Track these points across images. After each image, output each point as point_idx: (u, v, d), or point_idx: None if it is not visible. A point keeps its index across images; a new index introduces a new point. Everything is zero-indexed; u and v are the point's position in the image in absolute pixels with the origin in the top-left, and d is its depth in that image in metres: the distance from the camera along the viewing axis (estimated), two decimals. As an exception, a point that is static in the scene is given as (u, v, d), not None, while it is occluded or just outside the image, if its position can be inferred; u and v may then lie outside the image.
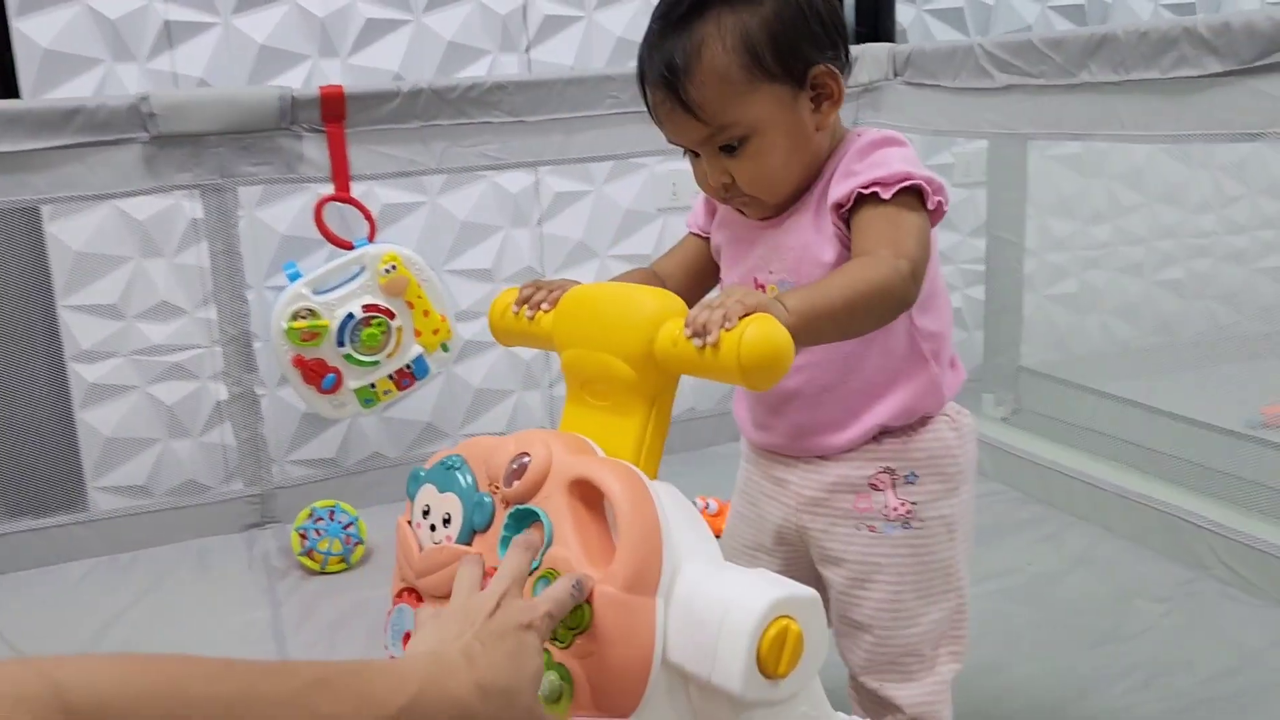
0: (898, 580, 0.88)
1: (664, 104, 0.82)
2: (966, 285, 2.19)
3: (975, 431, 0.91)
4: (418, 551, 0.81)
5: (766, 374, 0.69)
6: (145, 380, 1.75)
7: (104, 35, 1.65)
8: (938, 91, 1.68)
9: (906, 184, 0.79)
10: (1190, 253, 2.35)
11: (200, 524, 1.70)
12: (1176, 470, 1.61)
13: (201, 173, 1.56)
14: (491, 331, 0.94)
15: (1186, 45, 1.26)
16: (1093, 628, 1.29)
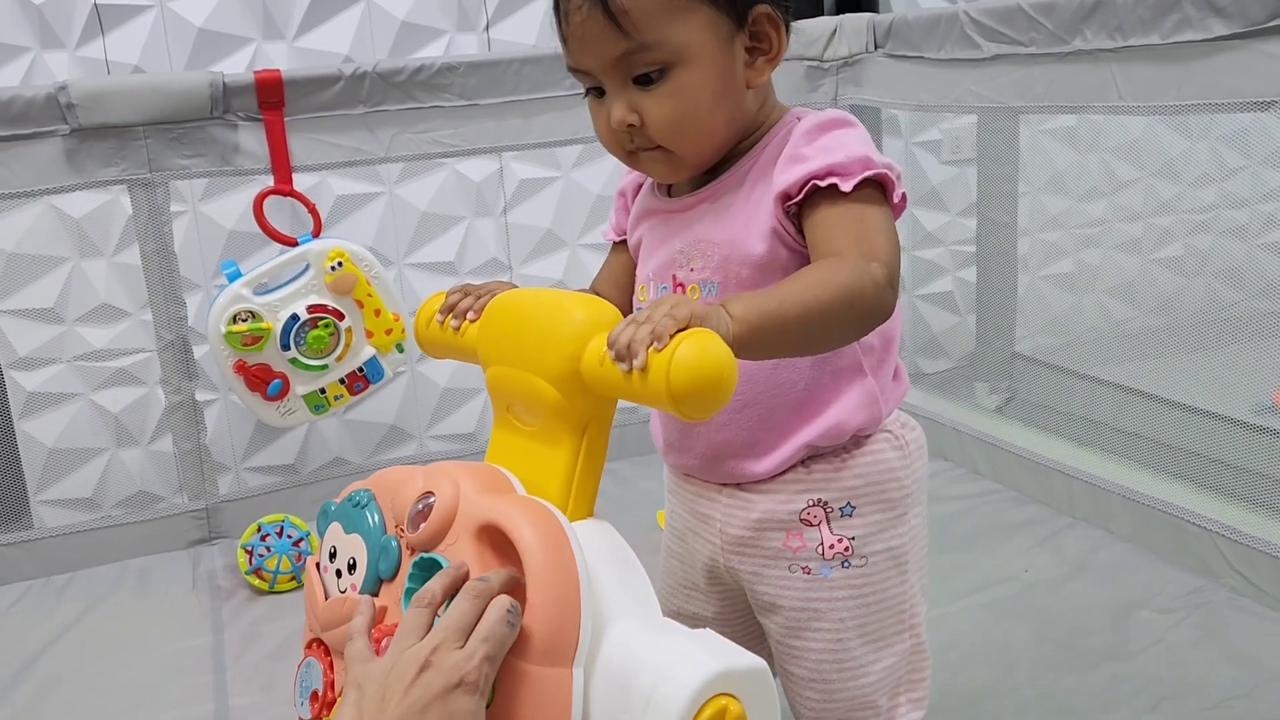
0: (839, 627, 0.80)
1: (580, 10, 0.72)
2: (957, 268, 2.13)
3: (924, 446, 0.83)
4: (322, 598, 0.76)
5: (701, 402, 0.61)
6: (88, 387, 1.70)
7: (29, 20, 1.59)
8: (921, 64, 1.64)
9: (869, 174, 0.71)
10: (1190, 229, 2.29)
11: (145, 541, 1.66)
12: (1182, 464, 1.54)
13: (128, 167, 1.51)
14: (417, 342, 0.88)
15: (1189, 6, 1.20)
16: (1094, 644, 1.23)
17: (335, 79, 1.53)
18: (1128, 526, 1.46)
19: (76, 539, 1.62)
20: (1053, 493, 1.58)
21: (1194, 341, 2.13)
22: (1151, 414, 1.72)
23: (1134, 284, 2.23)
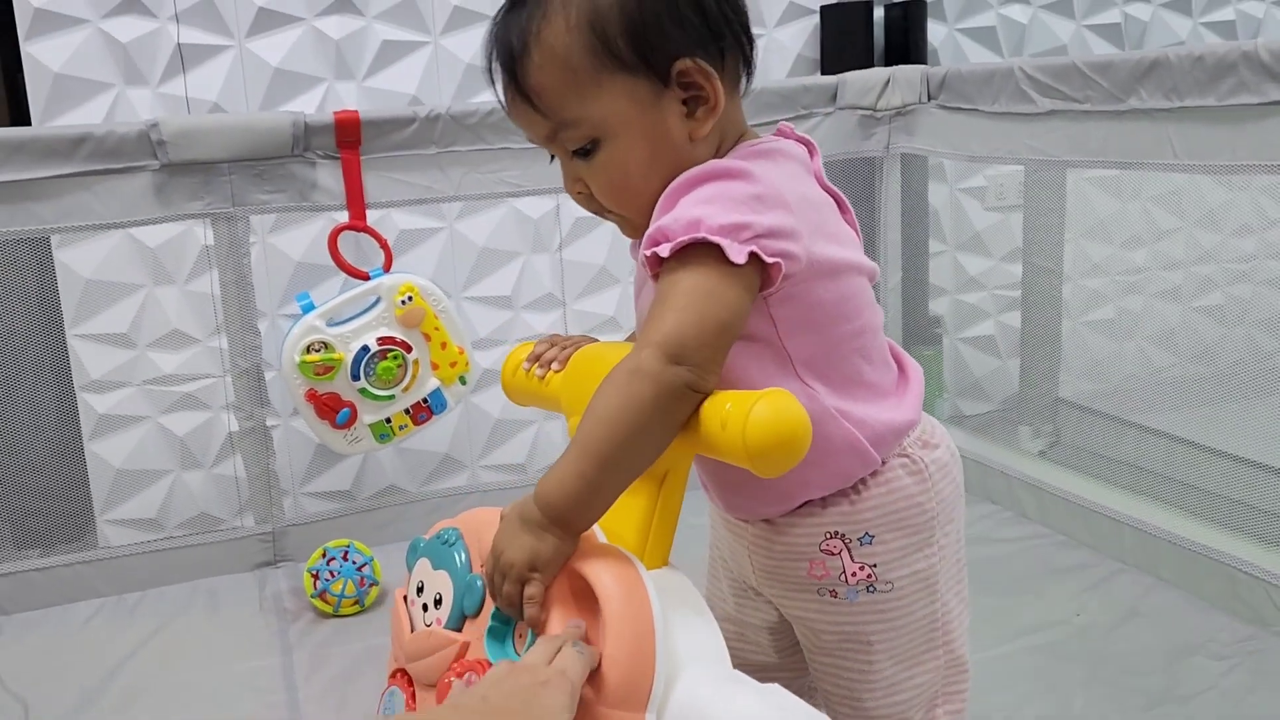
0: (869, 649, 0.78)
1: (507, 89, 0.72)
2: (999, 312, 2.12)
3: (949, 464, 0.78)
4: (409, 632, 0.77)
5: (777, 461, 0.64)
6: (156, 410, 1.71)
7: (115, 59, 1.62)
8: (974, 116, 1.64)
9: (689, 239, 0.65)
10: (1230, 278, 2.25)
11: (211, 562, 1.66)
12: (1230, 513, 1.52)
13: (213, 201, 1.53)
14: (503, 389, 0.90)
15: (1245, 71, 1.20)
16: (1148, 687, 1.21)
17: (410, 120, 1.55)
18: (1177, 573, 1.44)
19: (144, 559, 1.63)
20: (1101, 537, 1.56)
21: (1235, 390, 2.09)
22: (1197, 462, 1.69)
23: (1175, 332, 2.19)
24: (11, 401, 1.64)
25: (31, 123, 1.59)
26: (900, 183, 1.85)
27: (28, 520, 1.67)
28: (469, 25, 1.76)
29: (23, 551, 1.63)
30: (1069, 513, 1.62)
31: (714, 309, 0.65)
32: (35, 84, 1.59)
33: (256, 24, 1.66)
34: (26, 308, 1.63)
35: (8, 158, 1.41)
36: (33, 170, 1.42)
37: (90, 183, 1.46)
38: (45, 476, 1.69)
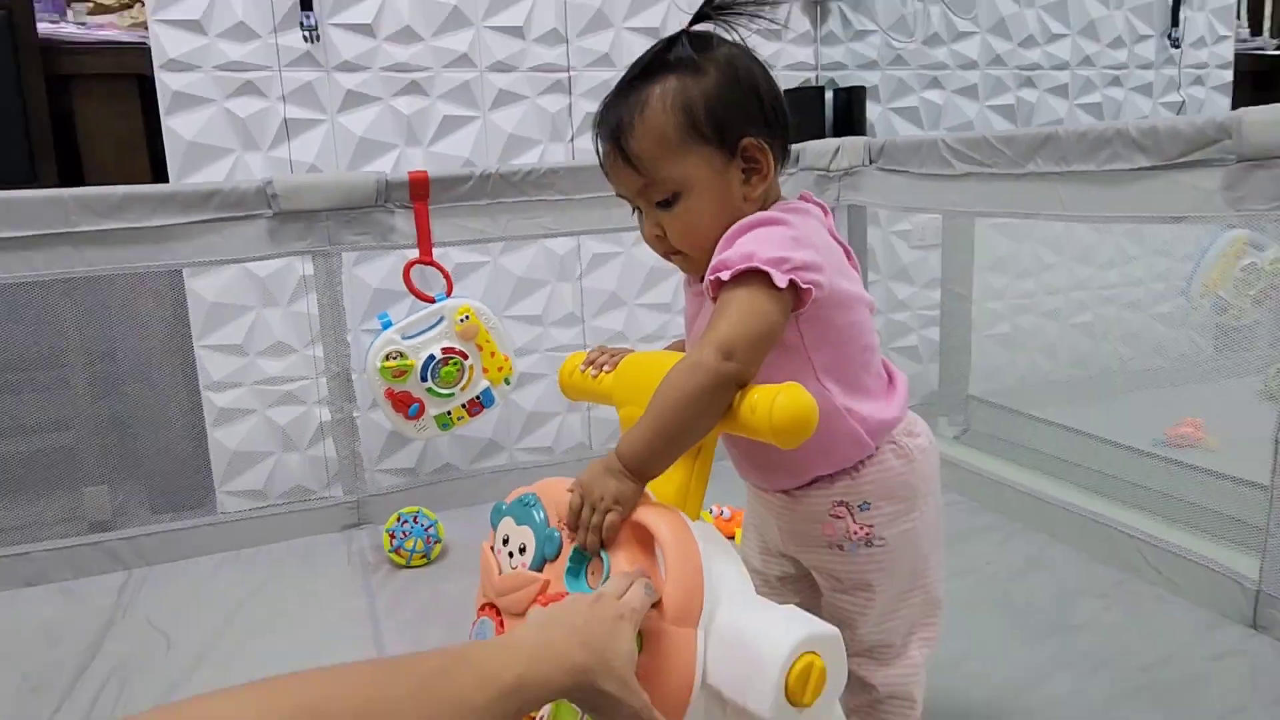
0: (866, 589, 0.80)
1: (610, 155, 0.75)
2: (922, 327, 2.15)
3: (930, 450, 0.80)
4: (498, 574, 0.78)
5: (795, 436, 0.66)
6: (263, 405, 1.72)
7: (236, 130, 1.63)
8: (905, 175, 1.65)
9: (744, 266, 0.68)
10: (1098, 301, 2.30)
11: (307, 525, 1.65)
12: (1103, 484, 1.55)
13: (314, 241, 1.53)
14: (561, 388, 0.90)
15: (1119, 144, 1.23)
16: (1044, 622, 1.22)
17: (467, 178, 1.56)
18: (1066, 531, 1.46)
19: (254, 522, 1.62)
20: (1005, 504, 1.57)
21: (1105, 389, 2.15)
22: (1078, 444, 1.72)
23: (1056, 344, 2.24)
24: (151, 397, 1.66)
25: (169, 181, 1.60)
26: (846, 225, 1.86)
27: (163, 492, 1.69)
28: (511, 104, 1.78)
29: (157, 516, 1.64)
30: (978, 484, 1.63)
31: (758, 321, 0.69)
32: (173, 150, 1.60)
33: (345, 103, 1.68)
34: (164, 325, 1.64)
35: (154, 209, 1.42)
36: (174, 218, 1.43)
37: (219, 227, 1.46)
38: (176, 457, 1.70)
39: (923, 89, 2.11)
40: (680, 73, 0.72)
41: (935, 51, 2.12)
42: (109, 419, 1.67)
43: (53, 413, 1.66)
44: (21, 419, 1.67)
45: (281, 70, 1.63)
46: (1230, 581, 1.19)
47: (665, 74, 0.72)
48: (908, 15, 2.09)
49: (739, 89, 0.73)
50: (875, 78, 2.06)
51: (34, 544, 1.50)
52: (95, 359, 1.64)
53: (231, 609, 1.37)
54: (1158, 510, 1.43)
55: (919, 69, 2.10)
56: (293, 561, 1.54)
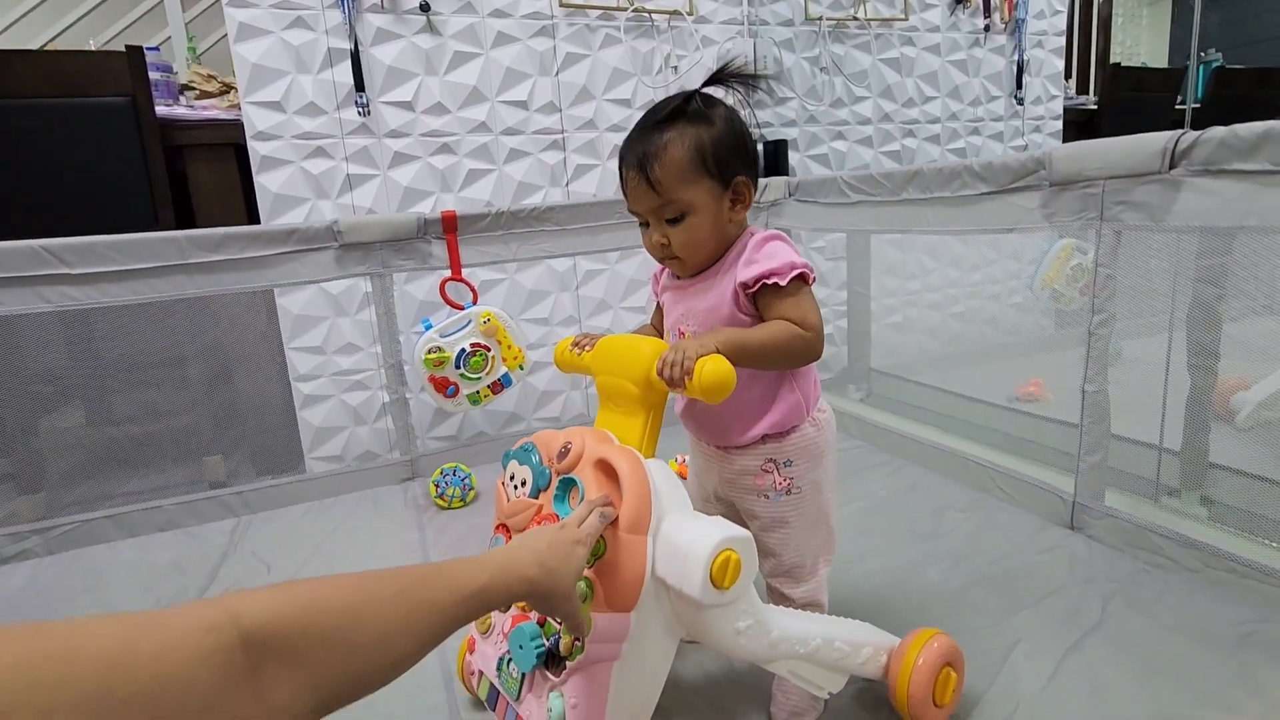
0: (788, 526, 0.81)
1: (634, 179, 0.74)
2: (836, 319, 2.16)
3: (832, 421, 0.82)
4: (506, 502, 0.80)
5: (718, 394, 0.67)
6: (339, 391, 1.72)
7: (310, 184, 1.63)
8: (815, 205, 1.67)
9: (795, 272, 0.72)
10: (967, 295, 2.33)
11: (373, 479, 1.66)
12: (967, 429, 1.58)
13: (371, 265, 1.53)
14: (555, 363, 0.91)
15: (967, 176, 1.25)
16: (922, 529, 1.25)
17: (485, 215, 1.56)
18: (937, 464, 1.48)
19: (333, 479, 1.63)
20: (894, 447, 1.60)
21: (972, 360, 2.18)
22: (951, 401, 1.75)
23: (936, 328, 2.27)
24: (254, 387, 1.66)
25: (260, 222, 1.60)
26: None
27: (264, 458, 1.70)
28: (519, 159, 1.78)
29: (261, 477, 1.65)
30: (876, 433, 1.66)
31: (817, 309, 0.73)
32: (263, 200, 1.60)
33: (393, 161, 1.68)
34: (261, 332, 1.65)
35: (247, 244, 1.42)
36: (266, 250, 1.44)
37: (298, 256, 1.47)
38: (274, 432, 1.70)
39: (831, 140, 2.13)
40: (694, 122, 0.72)
41: (839, 112, 2.14)
42: (222, 405, 1.68)
43: (179, 401, 1.67)
44: (155, 406, 1.68)
45: (344, 138, 1.63)
46: (1055, 496, 1.22)
47: (682, 122, 0.73)
48: (817, 85, 2.11)
49: (735, 139, 0.74)
50: (795, 132, 2.08)
51: (166, 499, 1.51)
52: (210, 360, 1.64)
53: (316, 543, 1.38)
54: (1005, 447, 1.46)
55: (827, 125, 2.13)
56: (362, 507, 1.55)
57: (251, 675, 0.35)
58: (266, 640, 0.37)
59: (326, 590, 0.42)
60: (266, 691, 0.36)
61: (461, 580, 0.51)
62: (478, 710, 0.88)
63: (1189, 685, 0.83)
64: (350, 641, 0.41)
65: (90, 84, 1.48)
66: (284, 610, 0.39)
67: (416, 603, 0.46)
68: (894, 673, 0.80)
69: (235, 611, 0.37)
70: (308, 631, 0.39)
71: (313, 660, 0.39)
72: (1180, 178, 0.95)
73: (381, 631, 0.43)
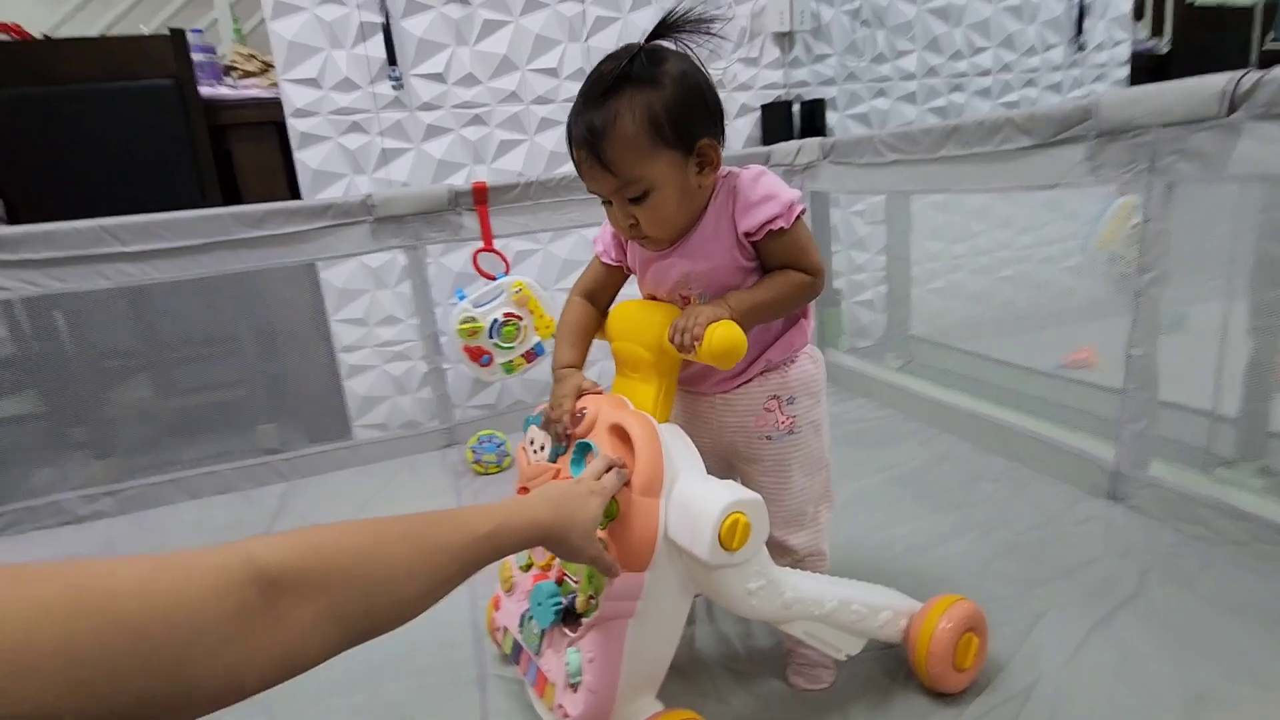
0: (789, 468, 0.78)
1: (586, 160, 0.67)
2: (875, 285, 2.11)
3: (821, 359, 0.80)
4: (527, 465, 0.82)
5: (729, 360, 0.67)
6: (382, 361, 1.76)
7: (348, 159, 1.66)
8: (851, 166, 1.62)
9: (797, 211, 0.70)
10: (1018, 259, 2.24)
11: (415, 445, 1.71)
12: (1007, 398, 1.53)
13: (404, 239, 1.56)
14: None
15: (1009, 129, 1.20)
16: (951, 499, 1.22)
17: (515, 186, 1.57)
18: (970, 432, 1.44)
19: (378, 445, 1.68)
20: (927, 414, 1.56)
21: (1019, 327, 2.11)
22: (992, 369, 1.71)
23: (983, 293, 2.20)
24: (301, 359, 1.72)
25: (301, 198, 1.64)
26: (811, 209, 1.84)
27: (313, 426, 1.76)
28: (550, 129, 1.78)
29: (312, 444, 1.70)
30: (910, 401, 1.62)
31: (814, 241, 0.72)
32: (303, 176, 1.63)
33: (427, 134, 1.70)
34: (306, 305, 1.70)
35: (286, 220, 1.45)
36: (304, 225, 1.47)
37: (334, 231, 1.49)
38: (322, 402, 1.76)
39: (871, 98, 2.06)
40: (642, 87, 0.65)
41: (881, 68, 2.06)
42: (273, 376, 1.74)
43: (233, 373, 1.75)
44: (210, 379, 1.78)
45: (378, 112, 1.66)
46: (1094, 465, 1.18)
47: (628, 88, 0.65)
48: (858, 40, 2.03)
49: (691, 97, 0.67)
50: (833, 91, 2.01)
51: (222, 464, 1.59)
52: (260, 334, 1.71)
53: (361, 505, 1.43)
54: (1045, 415, 1.41)
55: (868, 82, 2.05)
56: (403, 473, 1.59)
57: (268, 607, 0.37)
58: (279, 576, 0.39)
59: (337, 533, 0.44)
60: (282, 622, 0.38)
61: (472, 523, 0.51)
62: (505, 665, 0.91)
63: (1223, 660, 0.81)
64: (364, 579, 0.42)
65: (137, 67, 1.54)
66: (296, 550, 0.41)
67: (427, 544, 0.47)
68: (914, 636, 0.80)
69: (248, 552, 0.39)
70: (321, 569, 0.41)
71: (328, 593, 0.40)
72: (1240, 122, 0.89)
73: (393, 571, 0.44)
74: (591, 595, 0.69)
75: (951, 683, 0.79)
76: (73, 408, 1.62)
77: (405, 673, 0.91)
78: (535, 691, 0.76)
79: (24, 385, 1.54)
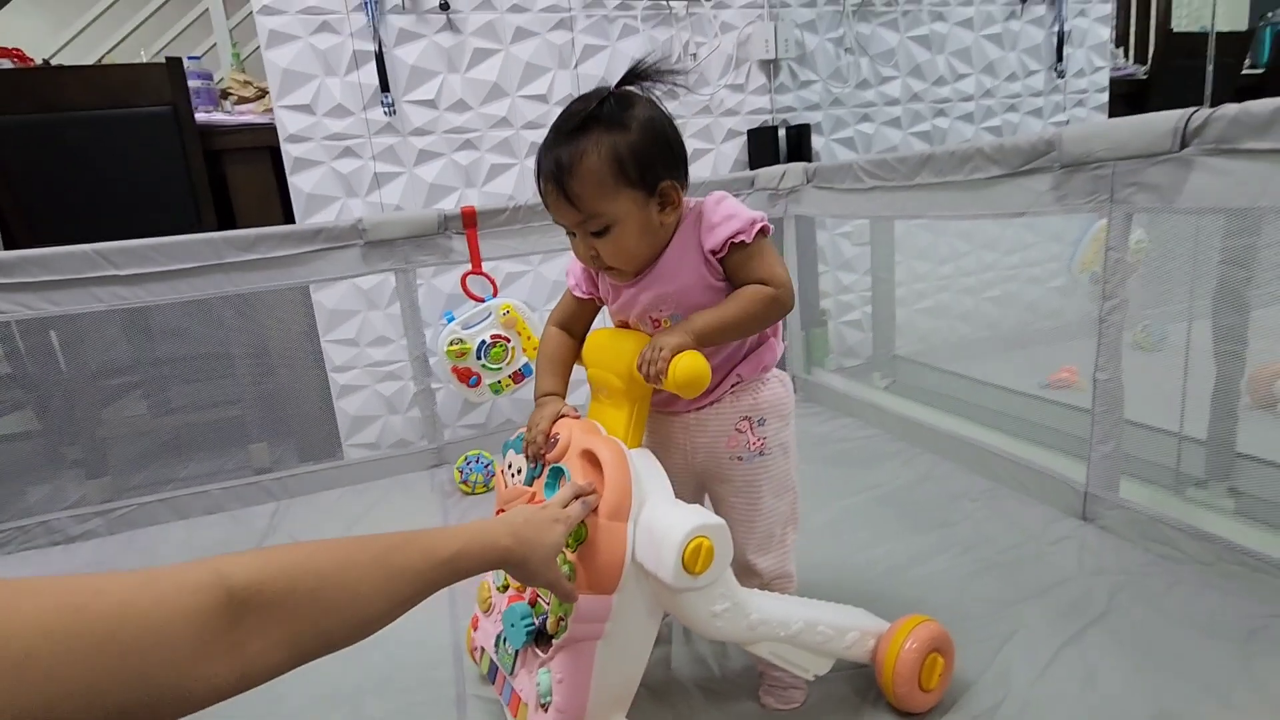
0: (759, 490, 0.79)
1: (552, 193, 0.70)
2: (861, 305, 2.14)
3: (791, 384, 0.82)
4: (504, 488, 0.84)
5: (693, 390, 0.69)
6: (372, 381, 1.78)
7: (341, 184, 1.69)
8: (833, 191, 1.65)
9: (757, 227, 0.71)
10: (1004, 279, 2.26)
11: (404, 465, 1.72)
12: (988, 418, 1.55)
13: (395, 261, 1.58)
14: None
15: (979, 159, 1.23)
16: (932, 519, 1.24)
17: (504, 210, 1.60)
18: (951, 453, 1.46)
19: (368, 464, 1.69)
20: (910, 435, 1.58)
21: (1005, 347, 2.12)
22: (975, 390, 1.72)
23: (970, 313, 2.22)
24: (293, 379, 1.73)
25: (295, 221, 1.67)
26: (796, 232, 1.87)
27: (304, 445, 1.77)
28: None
29: (303, 463, 1.72)
30: (894, 422, 1.64)
31: (778, 258, 0.73)
32: (297, 200, 1.66)
33: (418, 159, 1.73)
34: (299, 327, 1.72)
35: (278, 244, 1.48)
36: (296, 249, 1.50)
37: (326, 254, 1.52)
38: (313, 421, 1.78)
39: (856, 123, 2.10)
40: (610, 128, 0.68)
41: (865, 93, 2.10)
42: (265, 395, 1.75)
43: (225, 393, 1.75)
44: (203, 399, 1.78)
45: (370, 137, 1.69)
46: (1067, 486, 1.20)
47: (597, 129, 0.68)
48: (842, 67, 2.08)
49: (655, 142, 0.69)
50: (819, 116, 2.05)
51: (212, 484, 1.61)
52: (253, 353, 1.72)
53: (349, 525, 1.44)
54: (1024, 435, 1.43)
55: (853, 107, 2.09)
56: (392, 492, 1.61)
57: (230, 630, 0.39)
58: (249, 598, 0.41)
59: (308, 554, 0.46)
60: (243, 645, 0.40)
61: (435, 547, 0.53)
62: (484, 685, 0.93)
63: (1188, 678, 0.82)
64: (328, 600, 0.44)
65: (134, 95, 1.58)
66: (267, 571, 0.42)
67: (392, 567, 0.50)
68: (880, 657, 0.82)
69: (223, 572, 0.41)
70: (289, 590, 0.43)
71: (290, 618, 0.42)
72: (1192, 157, 0.92)
73: (356, 593, 0.46)
74: (561, 617, 0.71)
75: (918, 702, 0.81)
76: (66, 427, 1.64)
77: (387, 692, 0.93)
78: (510, 711, 0.77)
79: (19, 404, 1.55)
